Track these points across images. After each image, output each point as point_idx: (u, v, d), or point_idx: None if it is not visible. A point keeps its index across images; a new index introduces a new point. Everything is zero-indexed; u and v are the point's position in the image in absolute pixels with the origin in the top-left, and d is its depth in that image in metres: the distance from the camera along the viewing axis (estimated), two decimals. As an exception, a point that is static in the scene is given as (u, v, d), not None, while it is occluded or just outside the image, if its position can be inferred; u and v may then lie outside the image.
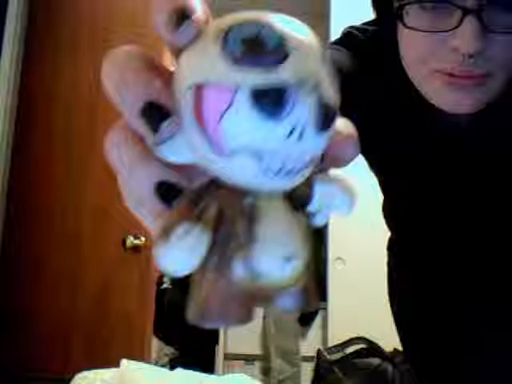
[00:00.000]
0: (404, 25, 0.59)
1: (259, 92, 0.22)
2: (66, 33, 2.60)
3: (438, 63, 0.59)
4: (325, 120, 0.23)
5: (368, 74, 0.70)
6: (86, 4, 2.64)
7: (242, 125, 0.22)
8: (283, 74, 0.22)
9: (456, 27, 0.55)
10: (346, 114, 0.28)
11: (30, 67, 2.61)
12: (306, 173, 0.25)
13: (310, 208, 0.26)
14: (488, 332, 0.82)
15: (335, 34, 0.79)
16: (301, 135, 0.23)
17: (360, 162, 0.82)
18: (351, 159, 0.28)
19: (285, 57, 0.22)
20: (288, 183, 0.24)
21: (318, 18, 3.19)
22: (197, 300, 0.25)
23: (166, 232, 0.24)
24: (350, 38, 0.75)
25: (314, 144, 0.23)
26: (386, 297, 0.95)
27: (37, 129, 2.54)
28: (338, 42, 0.75)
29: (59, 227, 2.44)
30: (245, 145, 0.23)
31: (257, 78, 0.22)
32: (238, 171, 0.23)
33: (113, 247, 2.37)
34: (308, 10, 3.49)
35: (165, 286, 3.03)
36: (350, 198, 0.27)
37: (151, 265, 2.38)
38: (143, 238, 2.34)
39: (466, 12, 0.55)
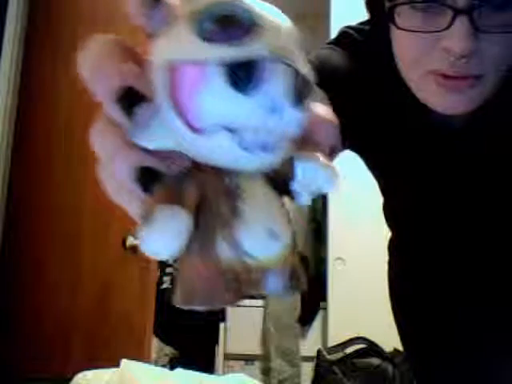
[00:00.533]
0: (395, 26, 0.59)
1: (232, 66, 0.22)
2: (66, 33, 2.60)
3: (430, 64, 0.59)
4: (300, 94, 0.23)
5: (364, 74, 0.70)
6: (86, 4, 2.64)
7: (217, 100, 0.22)
8: (255, 48, 0.22)
9: (447, 28, 0.55)
10: (342, 114, 0.28)
11: (29, 67, 2.61)
12: (285, 150, 0.25)
13: (294, 187, 0.26)
14: (487, 332, 0.82)
15: (335, 34, 0.79)
16: (276, 109, 0.23)
17: (360, 163, 0.83)
18: (330, 143, 0.27)
19: (256, 32, 0.22)
20: (267, 159, 0.24)
21: (318, 18, 3.19)
22: (182, 283, 0.25)
23: (147, 216, 0.24)
24: (346, 37, 0.74)
25: (289, 118, 0.23)
26: (386, 297, 0.95)
27: (37, 129, 2.54)
28: (334, 42, 0.75)
29: (59, 227, 2.44)
30: (221, 120, 0.23)
31: (229, 52, 0.22)
32: (216, 149, 0.23)
33: (113, 247, 2.37)
34: (308, 10, 3.48)
35: (165, 285, 3.03)
36: (332, 175, 0.27)
37: (151, 265, 2.38)
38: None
39: (457, 12, 0.55)
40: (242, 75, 0.22)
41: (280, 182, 0.26)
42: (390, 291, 0.95)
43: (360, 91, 0.69)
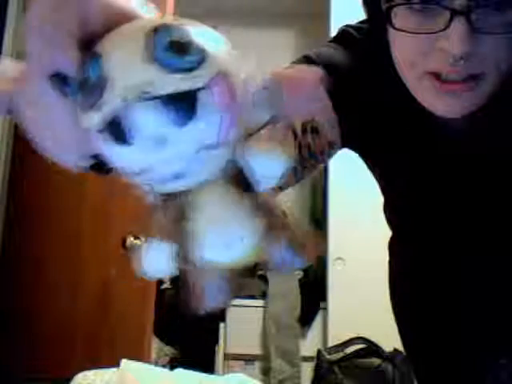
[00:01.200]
0: (392, 26, 0.59)
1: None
2: (66, 33, 2.60)
3: (427, 65, 0.59)
4: (184, 114, 0.24)
5: (365, 73, 0.70)
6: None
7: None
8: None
9: (444, 29, 0.55)
10: (343, 112, 0.28)
11: (30, 67, 2.60)
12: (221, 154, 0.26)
13: (254, 178, 0.27)
14: (488, 332, 0.82)
15: (335, 34, 0.78)
16: (159, 142, 0.23)
17: (359, 163, 0.83)
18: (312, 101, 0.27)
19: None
20: (188, 181, 0.25)
21: (318, 18, 3.19)
22: (191, 292, 0.28)
23: (141, 248, 0.29)
24: (346, 36, 0.74)
25: (184, 139, 0.24)
26: (386, 297, 0.95)
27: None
28: (334, 41, 0.75)
29: (59, 227, 2.44)
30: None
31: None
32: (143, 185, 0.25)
33: (113, 247, 2.37)
34: (308, 10, 3.48)
35: (165, 285, 3.03)
36: (282, 161, 0.27)
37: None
38: (143, 238, 2.34)
39: (454, 13, 0.54)
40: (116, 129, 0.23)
41: (237, 178, 0.27)
42: (391, 291, 0.95)
43: (361, 90, 0.69)
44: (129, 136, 0.23)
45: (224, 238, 0.26)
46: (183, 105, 0.23)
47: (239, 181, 0.27)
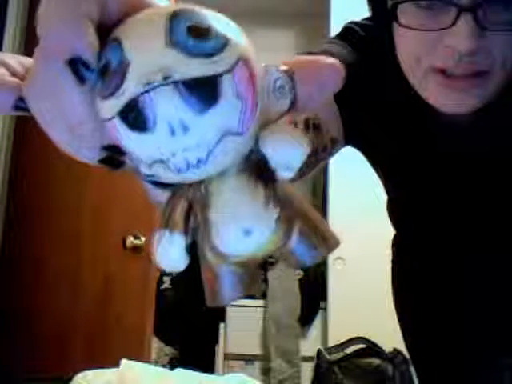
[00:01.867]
0: (398, 23, 0.59)
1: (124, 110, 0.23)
2: (66, 33, 2.59)
3: (432, 61, 0.59)
4: (201, 100, 0.23)
5: (368, 71, 0.70)
6: (86, 4, 2.64)
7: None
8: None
9: (451, 26, 0.55)
10: (347, 110, 0.28)
11: (29, 67, 2.60)
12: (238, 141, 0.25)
13: (274, 166, 0.26)
14: (492, 333, 0.82)
15: (335, 33, 0.78)
16: (175, 130, 0.23)
17: (359, 163, 0.83)
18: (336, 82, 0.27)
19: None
20: (209, 168, 0.25)
21: (318, 18, 3.19)
22: (205, 286, 0.28)
23: (157, 238, 0.26)
24: (350, 33, 0.74)
25: (201, 125, 0.23)
26: (386, 297, 0.94)
27: (37, 128, 2.53)
28: (338, 38, 0.75)
29: (59, 227, 2.44)
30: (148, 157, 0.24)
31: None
32: (160, 176, 0.25)
33: (113, 247, 2.37)
34: (308, 10, 3.48)
35: (165, 285, 3.03)
36: (298, 147, 0.26)
37: (151, 265, 2.38)
38: (143, 238, 2.34)
39: (461, 10, 0.54)
40: (133, 115, 0.23)
41: (255, 165, 0.26)
42: (393, 290, 0.95)
43: (364, 88, 0.69)
44: (149, 123, 0.23)
45: (242, 228, 0.26)
46: (205, 90, 0.23)
47: (259, 169, 0.26)
